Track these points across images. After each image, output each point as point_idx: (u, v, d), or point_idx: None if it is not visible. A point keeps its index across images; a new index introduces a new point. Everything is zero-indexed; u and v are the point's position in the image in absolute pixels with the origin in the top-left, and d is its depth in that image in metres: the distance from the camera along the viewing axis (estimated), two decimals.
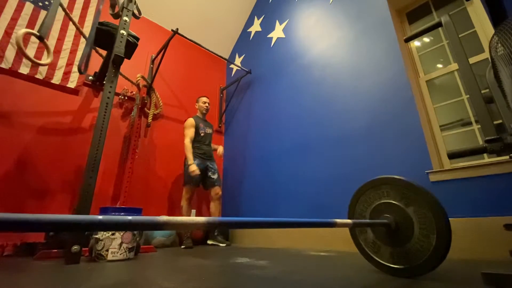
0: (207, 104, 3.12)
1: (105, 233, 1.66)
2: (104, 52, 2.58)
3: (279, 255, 1.85)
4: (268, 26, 3.77)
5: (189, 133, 2.88)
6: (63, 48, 2.67)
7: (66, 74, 2.63)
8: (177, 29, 2.96)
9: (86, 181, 1.67)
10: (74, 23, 2.43)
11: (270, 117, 3.24)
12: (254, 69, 3.76)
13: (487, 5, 1.01)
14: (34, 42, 2.45)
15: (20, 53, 1.81)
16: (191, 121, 2.95)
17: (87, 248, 1.79)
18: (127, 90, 3.06)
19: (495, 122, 0.85)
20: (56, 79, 2.57)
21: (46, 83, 2.52)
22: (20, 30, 1.71)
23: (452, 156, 0.92)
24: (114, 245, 1.65)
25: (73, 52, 2.73)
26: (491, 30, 1.79)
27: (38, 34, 1.76)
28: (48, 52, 1.87)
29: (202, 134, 2.97)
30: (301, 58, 3.05)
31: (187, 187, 2.78)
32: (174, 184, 3.21)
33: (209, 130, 3.07)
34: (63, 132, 2.53)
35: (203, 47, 3.35)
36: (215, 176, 2.88)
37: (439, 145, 1.86)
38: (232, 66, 4.27)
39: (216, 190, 2.83)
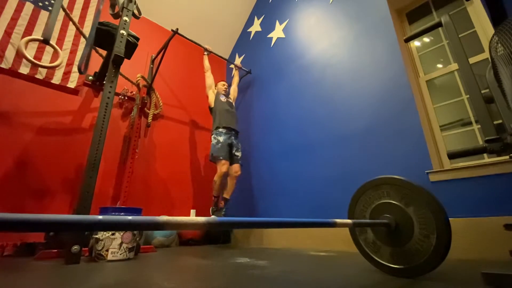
0: (226, 86, 3.28)
1: (105, 233, 1.66)
2: (104, 52, 2.58)
3: (279, 255, 1.85)
4: (268, 26, 3.76)
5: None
6: (63, 48, 2.67)
7: (66, 74, 2.63)
8: (177, 29, 2.96)
9: (86, 181, 1.67)
10: (74, 23, 2.43)
11: (270, 117, 3.24)
12: (254, 69, 3.76)
13: (487, 5, 1.01)
14: (33, 42, 2.45)
15: (27, 61, 1.82)
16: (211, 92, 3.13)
17: (87, 248, 1.79)
18: (127, 90, 3.06)
19: (495, 122, 0.85)
20: (56, 79, 2.57)
21: (46, 83, 2.52)
22: (24, 37, 1.71)
23: (452, 156, 0.92)
24: (114, 245, 1.65)
25: (73, 52, 2.73)
26: (491, 30, 1.79)
27: (41, 38, 1.75)
28: (58, 53, 1.88)
29: (224, 100, 3.05)
30: (301, 58, 3.05)
31: (220, 162, 2.72)
32: (174, 184, 3.21)
33: (230, 100, 3.16)
34: (63, 132, 2.53)
35: (203, 47, 3.35)
36: (239, 154, 2.90)
37: (439, 145, 1.86)
38: (232, 66, 4.27)
39: (236, 168, 2.81)
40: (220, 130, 2.85)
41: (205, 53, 3.31)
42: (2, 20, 2.37)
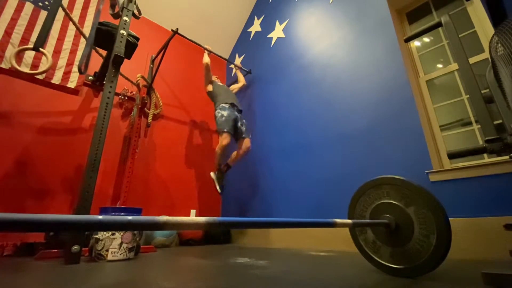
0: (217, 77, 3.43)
1: (105, 233, 1.66)
2: (104, 52, 2.58)
3: (279, 255, 1.85)
4: (268, 26, 3.76)
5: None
6: (63, 48, 2.67)
7: (66, 74, 2.63)
8: (177, 29, 2.96)
9: (86, 181, 1.67)
10: (74, 23, 2.43)
11: (270, 117, 3.24)
12: (254, 69, 3.76)
13: (487, 5, 1.01)
14: (31, 42, 2.45)
15: (17, 71, 1.88)
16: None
17: (87, 248, 1.79)
18: (127, 90, 3.06)
19: (495, 122, 0.85)
20: (56, 79, 2.56)
21: (46, 83, 2.52)
22: (19, 44, 1.74)
23: (452, 156, 0.92)
24: (114, 245, 1.65)
25: (73, 52, 2.72)
26: (491, 30, 1.79)
27: (31, 47, 1.78)
28: (47, 58, 1.91)
29: (221, 84, 3.21)
30: (301, 58, 3.05)
31: (222, 135, 2.75)
32: (174, 184, 3.21)
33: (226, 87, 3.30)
34: (63, 132, 2.53)
35: (203, 47, 3.35)
36: (244, 128, 2.96)
37: (439, 145, 1.86)
38: (232, 66, 4.27)
39: (247, 143, 2.89)
40: (223, 105, 2.92)
41: (206, 53, 3.31)
42: (2, 20, 2.37)
